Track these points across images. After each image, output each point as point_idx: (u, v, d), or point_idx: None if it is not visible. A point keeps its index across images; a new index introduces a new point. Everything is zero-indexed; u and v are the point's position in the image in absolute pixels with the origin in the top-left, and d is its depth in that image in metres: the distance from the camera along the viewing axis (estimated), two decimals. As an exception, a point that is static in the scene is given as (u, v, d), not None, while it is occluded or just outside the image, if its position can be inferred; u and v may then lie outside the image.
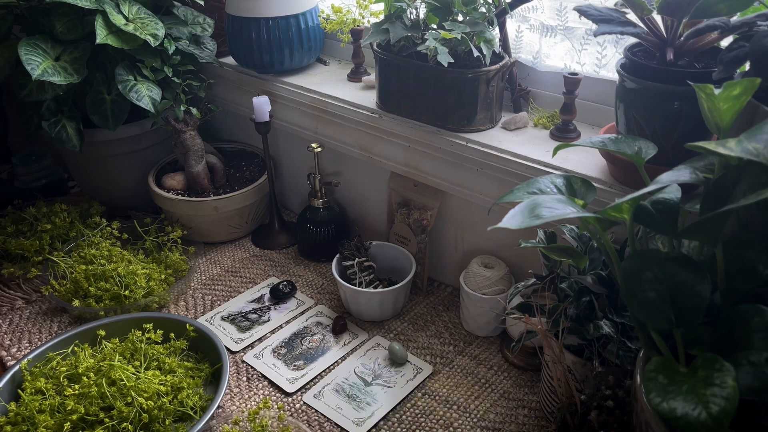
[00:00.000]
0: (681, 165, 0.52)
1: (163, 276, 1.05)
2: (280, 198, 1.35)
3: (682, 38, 0.68)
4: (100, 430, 0.74)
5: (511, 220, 0.48)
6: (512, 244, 0.96)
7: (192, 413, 0.79)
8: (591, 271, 0.70)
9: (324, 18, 1.13)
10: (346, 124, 1.06)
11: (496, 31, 0.90)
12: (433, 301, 1.06)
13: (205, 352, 0.90)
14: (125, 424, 0.74)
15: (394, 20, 0.90)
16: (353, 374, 0.91)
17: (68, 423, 0.74)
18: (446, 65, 0.83)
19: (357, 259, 1.02)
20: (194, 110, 1.14)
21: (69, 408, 0.75)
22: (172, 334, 0.89)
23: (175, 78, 1.12)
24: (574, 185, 0.58)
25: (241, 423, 0.79)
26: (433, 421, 0.83)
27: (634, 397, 0.53)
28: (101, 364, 0.81)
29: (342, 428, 0.83)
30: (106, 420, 0.75)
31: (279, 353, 0.95)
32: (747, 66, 0.59)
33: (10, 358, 0.94)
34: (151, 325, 0.89)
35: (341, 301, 1.05)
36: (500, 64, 0.88)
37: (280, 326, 1.01)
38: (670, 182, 0.49)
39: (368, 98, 1.04)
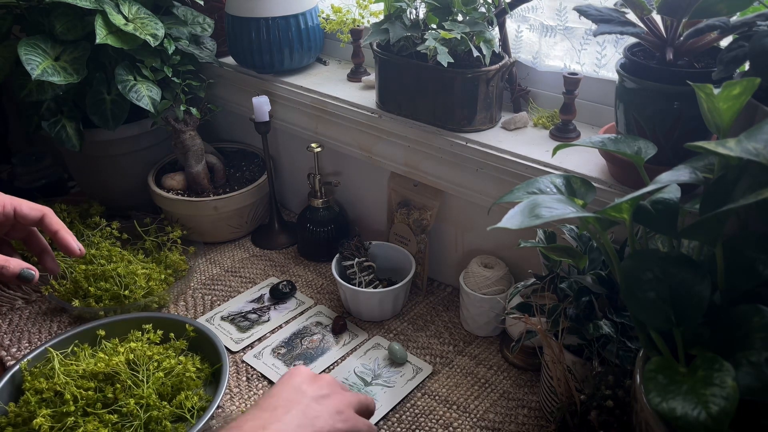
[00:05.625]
0: (681, 165, 0.52)
1: (162, 276, 1.05)
2: (280, 198, 1.35)
3: (681, 38, 0.68)
4: (101, 429, 0.74)
5: (511, 220, 0.48)
6: (512, 244, 0.96)
7: (190, 414, 0.79)
8: (591, 271, 0.70)
9: (324, 18, 1.13)
10: (346, 124, 1.06)
11: (495, 31, 0.90)
12: (432, 301, 1.06)
13: (204, 352, 0.90)
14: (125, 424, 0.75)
15: (394, 20, 0.90)
16: (353, 374, 0.91)
17: (69, 419, 0.74)
18: (446, 65, 0.83)
19: (357, 259, 1.02)
20: (194, 110, 1.14)
21: (65, 410, 0.75)
22: (172, 334, 0.89)
23: (174, 78, 1.12)
24: (574, 185, 0.58)
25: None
26: (433, 421, 0.83)
27: (633, 397, 0.53)
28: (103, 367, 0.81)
29: (342, 428, 0.83)
30: (106, 417, 0.75)
31: (279, 353, 0.95)
32: (747, 66, 0.59)
33: (10, 358, 0.94)
34: (151, 325, 0.89)
35: (341, 301, 1.05)
36: (500, 64, 0.88)
37: (280, 326, 1.01)
38: (670, 182, 0.49)
39: (368, 98, 1.04)
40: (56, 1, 1.00)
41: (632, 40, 0.76)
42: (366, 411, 0.69)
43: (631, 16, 0.69)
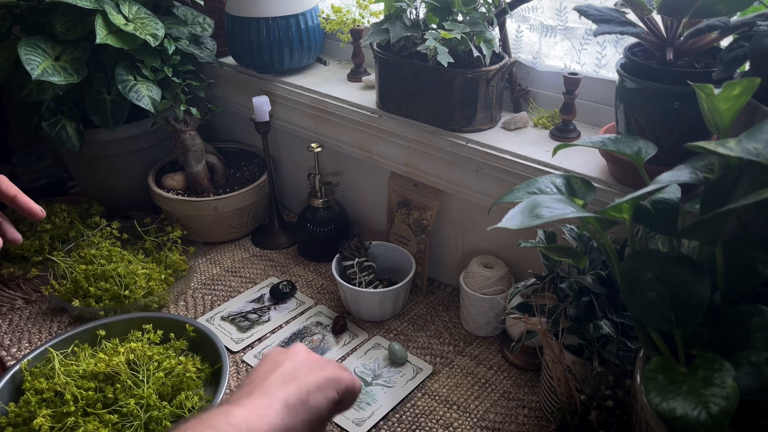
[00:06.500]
0: (681, 165, 0.52)
1: (163, 276, 1.05)
2: (280, 198, 1.35)
3: (681, 38, 0.68)
4: (102, 429, 0.74)
5: (511, 220, 0.48)
6: (512, 244, 0.96)
7: (191, 414, 0.79)
8: (591, 271, 0.70)
9: (324, 18, 1.13)
10: (346, 124, 1.06)
11: (496, 31, 0.90)
12: (433, 301, 1.06)
13: (205, 352, 0.90)
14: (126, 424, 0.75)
15: (394, 20, 0.90)
16: (353, 374, 0.91)
17: (69, 419, 0.74)
18: (446, 65, 0.83)
19: (357, 259, 1.02)
20: (194, 110, 1.14)
21: (65, 410, 0.75)
22: (172, 334, 0.89)
23: (175, 78, 1.12)
24: (574, 185, 0.58)
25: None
26: (433, 421, 0.83)
27: (634, 397, 0.53)
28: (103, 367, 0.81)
29: (342, 428, 0.83)
30: (106, 417, 0.75)
31: (279, 353, 0.95)
32: (747, 66, 0.59)
33: (10, 358, 0.94)
34: (151, 325, 0.89)
35: (341, 301, 1.05)
36: (500, 64, 0.88)
37: (280, 326, 1.01)
38: (670, 182, 0.49)
39: (368, 98, 1.04)
40: (56, 1, 1.00)
41: (632, 40, 0.76)
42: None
43: (632, 16, 0.69)
